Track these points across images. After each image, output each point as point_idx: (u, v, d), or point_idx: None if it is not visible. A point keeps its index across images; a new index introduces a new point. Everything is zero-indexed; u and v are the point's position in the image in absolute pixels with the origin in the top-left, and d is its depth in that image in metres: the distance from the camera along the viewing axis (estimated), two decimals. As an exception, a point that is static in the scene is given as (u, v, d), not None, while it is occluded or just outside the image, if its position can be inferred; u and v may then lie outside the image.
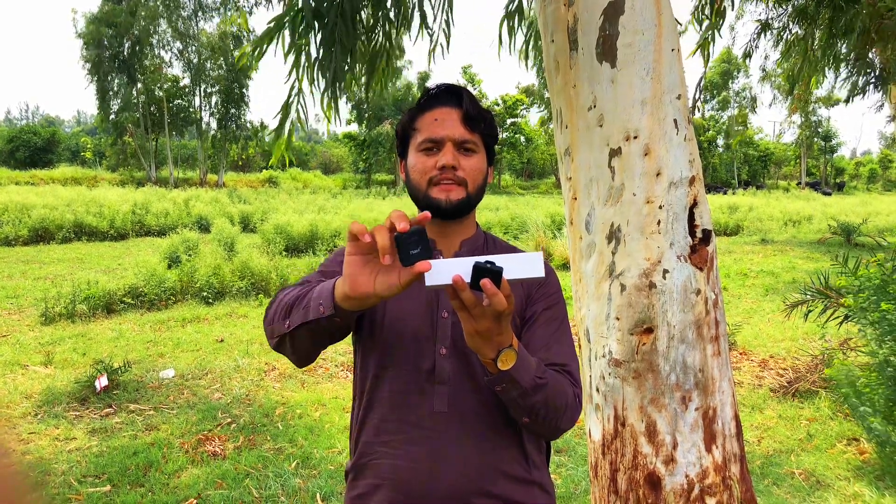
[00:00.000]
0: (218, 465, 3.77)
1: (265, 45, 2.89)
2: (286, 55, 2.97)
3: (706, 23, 4.14)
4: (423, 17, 3.38)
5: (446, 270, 0.99)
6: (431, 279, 1.00)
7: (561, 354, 1.32)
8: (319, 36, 2.91)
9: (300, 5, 2.79)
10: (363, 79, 3.57)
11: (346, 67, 3.10)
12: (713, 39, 4.07)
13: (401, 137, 1.42)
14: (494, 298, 1.00)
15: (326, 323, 1.12)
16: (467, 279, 1.00)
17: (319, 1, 2.79)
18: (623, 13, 1.97)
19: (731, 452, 2.02)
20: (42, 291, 8.46)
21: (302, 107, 3.16)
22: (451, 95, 1.36)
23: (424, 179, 1.33)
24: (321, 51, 2.95)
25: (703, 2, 4.10)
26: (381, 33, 3.40)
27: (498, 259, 1.00)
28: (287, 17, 2.80)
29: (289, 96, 3.14)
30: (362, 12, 3.20)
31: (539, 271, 1.01)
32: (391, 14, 3.34)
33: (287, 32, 2.90)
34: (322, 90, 3.12)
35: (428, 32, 3.51)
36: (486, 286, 0.99)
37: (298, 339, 1.19)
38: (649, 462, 1.98)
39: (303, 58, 3.06)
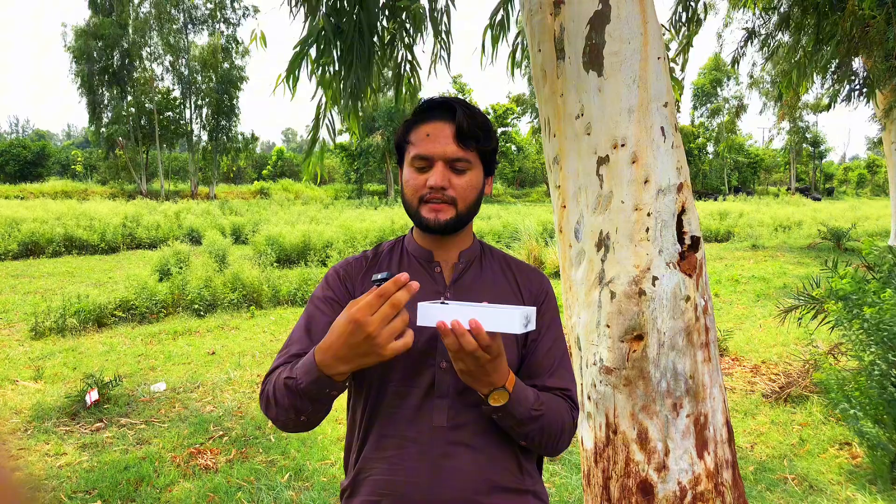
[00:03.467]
0: (210, 478, 3.74)
1: (297, 70, 2.88)
2: (312, 73, 3.00)
3: (682, 30, 4.19)
4: (436, 22, 3.39)
5: (434, 315, 1.12)
6: (422, 320, 1.13)
7: (564, 379, 1.37)
8: (340, 52, 2.94)
9: (322, 25, 2.80)
10: (390, 90, 3.58)
11: (368, 81, 3.13)
12: (689, 46, 4.11)
13: (397, 147, 1.41)
14: (463, 339, 1.10)
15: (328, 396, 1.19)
16: (452, 325, 1.12)
17: (339, 18, 2.82)
18: (609, 22, 1.99)
19: (722, 458, 2.02)
20: (32, 306, 8.40)
21: (329, 123, 3.20)
22: (445, 109, 1.33)
23: (415, 197, 1.32)
24: (342, 66, 2.98)
25: (680, 10, 4.13)
26: (401, 45, 3.44)
27: (492, 310, 1.11)
28: (311, 38, 2.82)
29: (317, 113, 3.17)
30: (379, 26, 3.21)
31: (531, 326, 1.13)
32: (407, 25, 3.37)
33: (312, 51, 2.93)
34: (343, 105, 3.15)
35: (440, 43, 3.52)
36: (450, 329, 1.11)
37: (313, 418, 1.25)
38: (641, 469, 1.98)
39: (325, 74, 3.08)
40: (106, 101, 37.55)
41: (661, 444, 1.97)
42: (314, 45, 2.87)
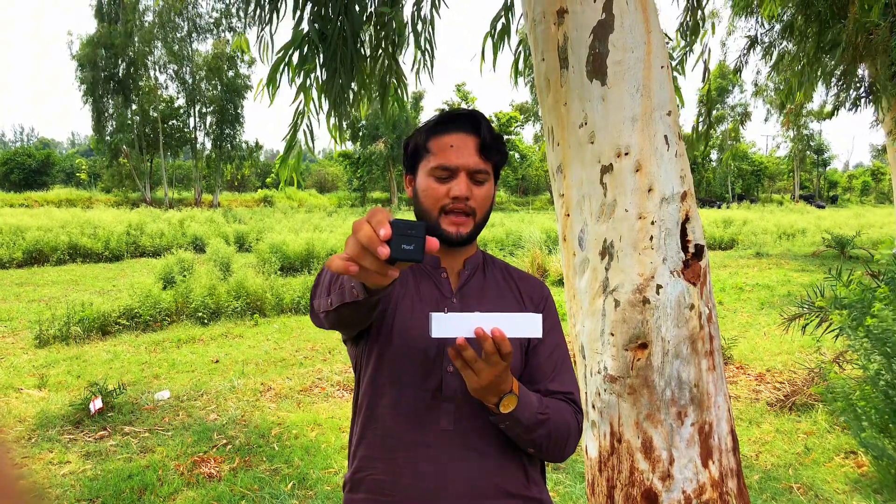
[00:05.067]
0: (213, 487, 3.74)
1: (279, 76, 2.88)
2: (292, 80, 2.99)
3: (685, 40, 4.19)
4: (417, 36, 3.40)
5: (451, 326, 1.09)
6: (437, 332, 1.09)
7: (566, 383, 1.38)
8: (323, 58, 2.94)
9: (306, 30, 2.80)
10: (376, 100, 3.58)
11: (351, 88, 3.12)
12: (698, 53, 4.11)
13: (411, 153, 1.40)
14: (486, 343, 1.09)
15: (364, 303, 1.07)
16: (470, 335, 1.09)
17: (324, 24, 2.83)
18: (612, 31, 1.99)
19: (727, 467, 2.01)
20: (36, 314, 8.42)
21: (307, 129, 3.19)
22: (470, 122, 1.35)
23: (436, 207, 1.33)
24: (325, 73, 2.97)
25: (688, 18, 4.13)
26: (384, 55, 3.43)
27: (511, 316, 1.11)
28: (294, 45, 2.82)
29: (294, 119, 3.16)
30: (364, 35, 3.21)
31: (537, 332, 1.13)
32: (392, 35, 3.36)
33: (294, 57, 2.91)
34: (326, 111, 3.14)
35: (421, 52, 3.54)
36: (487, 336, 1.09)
37: (343, 316, 1.15)
38: (646, 478, 1.97)
39: (305, 80, 3.07)
40: (110, 110, 37.64)
41: (666, 453, 1.96)
42: (297, 51, 2.87)
